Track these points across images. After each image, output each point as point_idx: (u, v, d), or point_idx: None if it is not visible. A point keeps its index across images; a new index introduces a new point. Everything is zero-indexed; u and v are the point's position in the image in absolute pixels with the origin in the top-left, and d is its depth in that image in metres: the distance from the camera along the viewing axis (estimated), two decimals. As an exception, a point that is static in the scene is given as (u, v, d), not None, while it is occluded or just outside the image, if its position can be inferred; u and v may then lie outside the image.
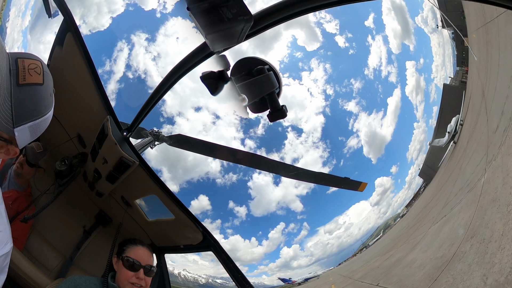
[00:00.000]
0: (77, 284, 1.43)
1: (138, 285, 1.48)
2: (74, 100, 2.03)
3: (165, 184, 1.99)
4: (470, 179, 6.11)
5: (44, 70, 0.94)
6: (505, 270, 3.33)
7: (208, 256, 14.58)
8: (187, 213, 1.96)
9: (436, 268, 5.54)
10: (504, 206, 4.03)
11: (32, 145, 2.28)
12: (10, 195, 2.21)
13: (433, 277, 5.33)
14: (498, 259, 3.63)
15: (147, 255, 1.58)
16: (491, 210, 4.42)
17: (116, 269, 1.56)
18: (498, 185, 4.37)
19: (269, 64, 1.10)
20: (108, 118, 1.82)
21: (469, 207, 5.59)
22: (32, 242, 2.39)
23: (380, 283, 7.58)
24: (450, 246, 5.78)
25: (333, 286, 10.59)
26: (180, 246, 2.39)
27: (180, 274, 16.86)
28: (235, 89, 1.00)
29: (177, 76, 1.33)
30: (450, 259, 5.25)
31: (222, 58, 1.09)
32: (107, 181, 2.09)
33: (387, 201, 19.29)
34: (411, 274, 6.68)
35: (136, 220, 2.50)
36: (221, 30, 0.78)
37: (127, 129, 1.96)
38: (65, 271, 2.51)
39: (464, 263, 4.74)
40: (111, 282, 1.49)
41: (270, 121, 1.05)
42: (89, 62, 1.78)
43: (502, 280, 3.28)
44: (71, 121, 2.25)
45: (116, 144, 1.74)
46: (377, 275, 8.50)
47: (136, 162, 1.80)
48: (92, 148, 2.08)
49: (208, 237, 2.02)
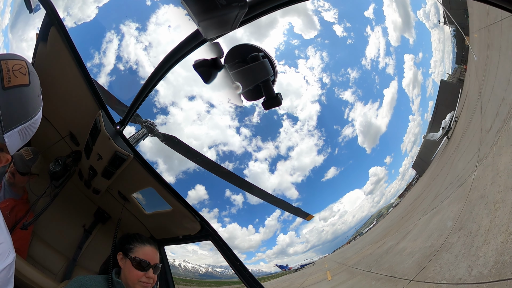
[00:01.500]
0: (83, 284, 1.41)
1: (147, 283, 1.45)
2: (63, 97, 1.92)
3: (161, 176, 1.90)
4: (461, 174, 6.35)
5: (29, 69, 0.88)
6: (489, 263, 3.57)
7: (207, 245, 14.87)
8: (184, 203, 1.97)
9: (425, 257, 5.90)
10: (492, 203, 4.24)
11: (20, 153, 2.16)
12: (7, 204, 2.14)
13: (421, 265, 5.70)
14: (483, 253, 3.88)
15: (155, 254, 1.55)
16: (479, 205, 4.66)
17: (123, 267, 1.51)
18: (487, 183, 4.58)
19: (263, 51, 1.05)
20: (100, 113, 1.71)
21: (458, 201, 5.87)
22: (35, 248, 2.34)
23: (373, 270, 8.06)
24: (439, 237, 6.12)
25: (328, 272, 11.23)
26: (179, 237, 2.34)
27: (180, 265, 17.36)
28: (229, 76, 0.97)
29: (170, 65, 1.27)
30: (438, 249, 5.58)
31: (215, 45, 1.01)
32: (103, 177, 2.02)
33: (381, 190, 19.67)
34: (401, 261, 7.10)
35: (134, 214, 2.43)
36: (215, 17, 0.75)
37: (120, 122, 1.71)
38: (70, 272, 2.48)
39: (451, 253, 5.04)
40: (115, 278, 1.48)
41: (265, 109, 1.04)
42: (77, 57, 1.66)
43: (486, 273, 3.53)
44: (61, 120, 2.14)
45: (110, 139, 1.66)
46: (370, 262, 9.02)
47: (131, 156, 1.72)
48: (86, 145, 1.98)
49: (206, 226, 2.05)
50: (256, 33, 27.68)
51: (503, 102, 4.00)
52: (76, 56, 1.66)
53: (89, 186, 2.35)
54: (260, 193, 4.94)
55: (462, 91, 5.63)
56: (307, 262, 12.98)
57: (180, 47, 1.17)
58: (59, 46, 1.67)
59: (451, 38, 5.38)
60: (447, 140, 7.23)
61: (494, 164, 4.35)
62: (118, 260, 1.52)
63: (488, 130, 4.69)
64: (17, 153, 2.21)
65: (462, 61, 4.92)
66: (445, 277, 4.58)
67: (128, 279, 1.46)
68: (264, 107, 1.03)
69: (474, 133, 5.45)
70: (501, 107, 4.07)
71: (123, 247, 1.53)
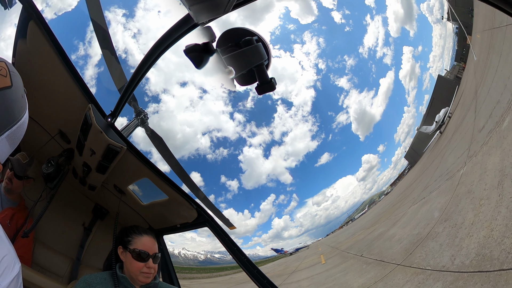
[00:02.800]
0: (89, 283, 1.44)
1: (149, 273, 1.49)
2: (49, 95, 1.85)
3: (156, 166, 1.90)
4: (451, 168, 6.63)
5: (10, 70, 0.83)
6: (471, 255, 3.90)
7: (205, 232, 15.40)
8: (180, 192, 2.00)
9: (412, 244, 6.35)
10: (477, 199, 4.52)
11: (17, 157, 2.16)
12: (6, 213, 2.14)
13: (408, 251, 6.14)
14: (466, 244, 4.22)
15: (153, 243, 1.58)
16: (465, 200, 4.95)
17: (124, 260, 1.53)
18: (475, 179, 4.83)
19: (257, 35, 1.03)
20: (90, 107, 1.67)
21: (446, 193, 6.20)
22: (38, 254, 2.36)
23: (364, 254, 8.64)
24: (426, 226, 6.55)
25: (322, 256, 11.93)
26: (177, 226, 2.34)
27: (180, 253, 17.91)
28: (221, 61, 0.96)
29: (160, 52, 1.22)
30: (424, 237, 6.01)
31: (207, 29, 0.97)
32: (97, 172, 1.99)
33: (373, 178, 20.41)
34: (390, 247, 7.62)
35: (131, 207, 2.43)
36: (206, 0, 0.73)
37: (111, 114, 1.68)
38: (75, 273, 2.52)
39: (436, 242, 5.43)
40: (119, 273, 1.51)
41: (258, 94, 1.04)
42: (60, 50, 1.58)
43: (467, 263, 3.87)
44: (49, 119, 2.06)
45: (101, 132, 1.64)
46: (361, 247, 9.62)
47: (124, 147, 1.71)
48: (77, 141, 1.94)
49: (202, 213, 2.07)
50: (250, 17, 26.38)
51: (497, 105, 4.11)
52: (59, 49, 1.57)
53: (84, 183, 2.33)
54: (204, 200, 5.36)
55: (458, 89, 5.70)
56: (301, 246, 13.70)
57: (171, 32, 1.13)
58: (40, 41, 1.55)
59: (452, 35, 5.33)
60: (439, 134, 7.42)
61: (483, 162, 4.56)
62: (119, 254, 1.55)
63: (480, 129, 4.84)
64: (14, 158, 2.15)
65: (462, 59, 4.93)
66: (429, 264, 4.95)
67: (131, 272, 1.49)
68: (258, 92, 1.03)
69: (466, 131, 5.62)
70: (495, 109, 4.18)
71: (122, 240, 1.56)
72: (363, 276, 6.64)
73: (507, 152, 3.89)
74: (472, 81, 4.56)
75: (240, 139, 26.34)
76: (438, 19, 7.51)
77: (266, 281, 1.88)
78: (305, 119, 27.29)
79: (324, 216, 19.04)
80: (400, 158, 11.54)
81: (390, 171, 15.02)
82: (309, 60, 27.58)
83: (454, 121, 6.09)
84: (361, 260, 8.01)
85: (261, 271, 1.93)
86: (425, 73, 14.21)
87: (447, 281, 4.01)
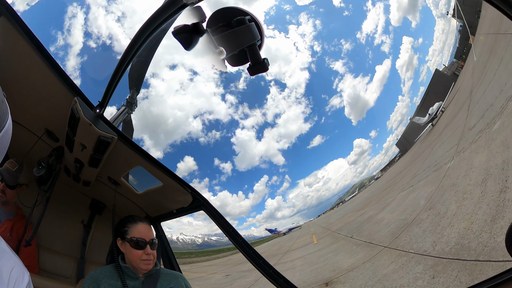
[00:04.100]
0: (96, 278, 1.48)
1: (149, 260, 1.53)
2: (31, 93, 1.75)
3: (148, 153, 1.88)
4: (439, 160, 7.00)
5: None
6: (451, 243, 4.35)
7: (201, 215, 15.93)
8: (174, 177, 1.99)
9: (399, 228, 6.92)
10: (461, 193, 4.90)
11: (5, 166, 2.07)
12: (6, 226, 2.11)
13: (395, 234, 6.71)
14: (447, 233, 4.67)
15: (148, 230, 1.61)
16: (450, 192, 5.36)
17: (124, 251, 1.57)
18: (460, 174, 5.17)
19: (250, 15, 0.99)
20: (76, 100, 1.60)
21: (432, 183, 6.63)
22: (43, 259, 2.36)
23: (354, 236, 9.35)
24: (412, 212, 7.09)
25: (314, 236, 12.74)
26: (173, 211, 2.35)
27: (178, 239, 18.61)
28: (211, 42, 0.91)
29: (147, 35, 1.15)
30: (410, 223, 6.55)
31: (197, 9, 0.95)
32: (90, 167, 1.95)
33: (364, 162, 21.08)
34: (378, 230, 8.26)
35: (127, 197, 2.42)
36: None
37: (99, 105, 1.60)
38: (82, 271, 2.53)
39: (420, 228, 5.95)
40: (122, 264, 1.55)
41: (250, 75, 1.02)
42: (37, 44, 1.48)
43: (447, 250, 4.33)
44: (34, 119, 1.97)
45: (91, 125, 1.59)
46: (352, 229, 10.36)
47: (115, 137, 1.68)
48: (66, 138, 1.88)
49: (197, 197, 2.08)
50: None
51: (490, 107, 4.26)
52: (36, 43, 1.46)
53: (78, 180, 2.29)
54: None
55: (454, 86, 5.80)
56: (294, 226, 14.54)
57: (158, 13, 1.07)
58: (13, 37, 1.43)
59: (455, 32, 5.26)
60: (431, 126, 7.66)
61: (470, 159, 4.85)
62: (119, 246, 1.57)
63: (471, 128, 5.05)
64: (3, 168, 2.08)
65: (461, 57, 4.96)
66: (413, 247, 5.46)
67: (132, 261, 1.52)
68: (250, 73, 1.00)
69: (457, 127, 5.83)
70: (487, 111, 4.34)
71: (119, 232, 1.59)
72: (353, 257, 7.24)
73: (494, 154, 4.15)
74: (468, 80, 4.65)
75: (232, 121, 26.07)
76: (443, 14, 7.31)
77: (262, 261, 1.91)
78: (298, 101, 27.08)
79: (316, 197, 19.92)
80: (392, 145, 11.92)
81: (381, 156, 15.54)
82: (304, 41, 26.53)
83: (446, 116, 6.28)
84: (351, 241, 8.70)
85: (257, 251, 1.97)
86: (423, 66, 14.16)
87: (427, 264, 4.49)
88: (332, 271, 6.68)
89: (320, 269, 7.47)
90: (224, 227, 2.01)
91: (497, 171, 3.92)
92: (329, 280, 6.05)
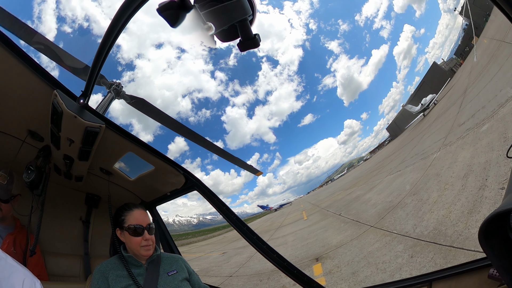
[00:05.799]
0: (103, 272, 1.51)
1: (148, 246, 1.56)
2: (6, 95, 1.65)
3: (138, 138, 1.86)
4: (426, 150, 7.41)
5: None
6: (429, 227, 4.91)
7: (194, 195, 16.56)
8: (165, 159, 1.99)
9: (385, 209, 7.56)
10: (443, 183, 5.37)
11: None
12: (8, 242, 2.09)
13: (381, 215, 7.36)
14: (427, 218, 5.24)
15: (144, 215, 1.62)
16: (433, 181, 5.83)
17: (124, 240, 1.58)
18: (444, 165, 5.59)
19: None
20: (55, 93, 1.53)
21: (418, 171, 7.11)
22: (50, 264, 2.37)
23: (342, 214, 10.13)
24: (397, 196, 7.72)
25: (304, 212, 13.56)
26: (167, 194, 2.36)
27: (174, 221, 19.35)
28: (200, 17, 0.90)
29: (129, 14, 1.08)
30: (395, 205, 7.17)
31: None
32: (80, 160, 1.91)
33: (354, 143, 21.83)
34: (366, 210, 8.98)
35: (121, 185, 2.41)
36: None
37: (83, 94, 1.54)
38: (88, 267, 2.55)
39: (404, 211, 6.56)
40: (124, 253, 1.58)
41: (240, 51, 0.99)
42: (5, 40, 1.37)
43: (426, 234, 4.90)
44: (14, 122, 1.88)
45: (76, 117, 1.53)
46: (340, 207, 11.15)
47: (103, 126, 1.64)
48: (51, 135, 1.81)
49: (190, 177, 2.09)
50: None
51: (482, 109, 4.47)
52: (4, 39, 1.36)
53: (70, 177, 2.25)
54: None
55: (450, 81, 5.92)
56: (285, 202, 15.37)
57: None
58: None
59: (459, 30, 5.15)
60: (422, 116, 7.92)
61: (455, 153, 5.22)
62: (119, 236, 1.59)
63: (460, 124, 5.32)
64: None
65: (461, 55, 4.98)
66: (396, 228, 6.06)
67: (133, 249, 1.54)
68: (240, 49, 0.98)
69: (447, 121, 6.10)
70: (478, 112, 4.57)
71: (117, 222, 1.61)
72: (341, 234, 7.85)
73: (479, 153, 4.48)
74: (465, 79, 4.77)
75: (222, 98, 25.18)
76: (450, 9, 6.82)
77: (256, 237, 1.94)
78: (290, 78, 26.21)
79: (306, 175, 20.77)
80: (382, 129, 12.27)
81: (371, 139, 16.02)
82: (299, 19, 24.57)
83: (438, 108, 6.50)
84: (339, 219, 9.46)
85: (250, 228, 2.00)
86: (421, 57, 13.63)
87: (407, 244, 5.06)
88: (321, 247, 7.18)
89: (310, 245, 7.88)
90: (217, 205, 2.02)
91: (479, 169, 4.27)
92: (319, 255, 6.51)
